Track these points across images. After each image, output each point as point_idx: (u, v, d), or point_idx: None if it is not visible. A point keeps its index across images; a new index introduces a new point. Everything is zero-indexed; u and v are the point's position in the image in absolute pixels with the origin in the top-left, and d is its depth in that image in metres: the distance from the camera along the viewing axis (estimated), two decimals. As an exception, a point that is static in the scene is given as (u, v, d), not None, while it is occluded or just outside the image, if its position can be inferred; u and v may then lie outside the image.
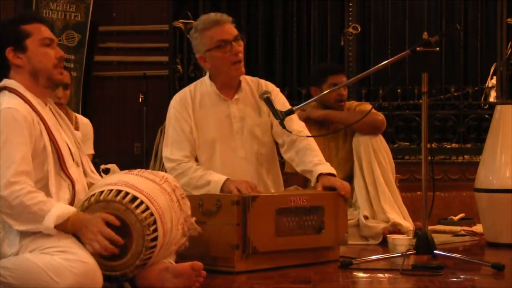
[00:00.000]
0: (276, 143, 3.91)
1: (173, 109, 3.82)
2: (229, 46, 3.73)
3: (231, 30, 3.77)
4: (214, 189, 3.60)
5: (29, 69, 2.90)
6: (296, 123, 3.82)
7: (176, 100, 3.84)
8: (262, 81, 3.94)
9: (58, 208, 2.70)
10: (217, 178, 3.63)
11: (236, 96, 3.82)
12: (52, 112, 2.99)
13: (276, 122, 3.69)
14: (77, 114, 4.64)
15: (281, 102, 3.85)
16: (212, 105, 3.81)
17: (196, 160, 3.78)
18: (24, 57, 2.89)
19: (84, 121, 4.61)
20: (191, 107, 3.79)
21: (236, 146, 3.80)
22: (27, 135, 2.75)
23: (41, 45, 2.91)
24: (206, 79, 3.86)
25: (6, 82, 2.89)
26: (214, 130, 3.78)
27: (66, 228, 2.71)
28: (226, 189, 3.58)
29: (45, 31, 2.94)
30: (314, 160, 3.74)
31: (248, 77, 3.92)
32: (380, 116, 4.55)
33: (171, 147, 3.76)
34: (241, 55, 3.76)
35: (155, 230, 2.78)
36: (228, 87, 3.83)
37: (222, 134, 3.79)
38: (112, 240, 2.70)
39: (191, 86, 3.90)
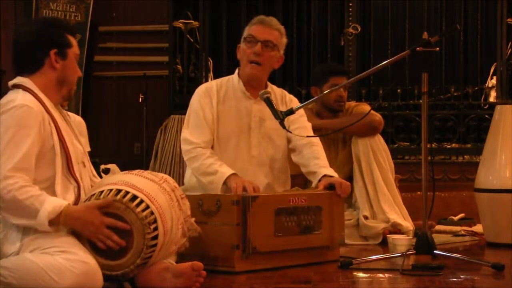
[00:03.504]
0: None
1: (198, 96, 3.87)
2: (254, 43, 3.79)
3: (267, 33, 3.82)
4: (218, 179, 3.63)
5: (59, 76, 2.92)
6: (310, 133, 3.88)
7: (201, 89, 3.90)
8: (287, 93, 4.03)
9: (51, 203, 2.68)
10: (224, 170, 3.65)
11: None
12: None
13: (290, 128, 3.75)
14: (69, 112, 4.64)
15: (304, 125, 3.91)
16: (236, 100, 3.86)
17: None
18: (61, 64, 2.91)
19: (77, 119, 4.60)
20: (215, 98, 3.84)
21: (250, 145, 3.84)
22: (35, 133, 2.75)
23: (75, 59, 2.97)
24: (234, 76, 3.92)
25: (20, 80, 2.90)
26: (233, 125, 3.83)
27: (60, 222, 2.69)
28: (229, 183, 3.59)
29: (77, 47, 3.00)
30: (319, 163, 3.79)
31: (274, 86, 4.00)
32: (377, 116, 4.54)
33: (192, 130, 3.81)
34: (261, 58, 3.80)
35: (156, 228, 2.78)
36: (253, 86, 3.86)
37: (240, 131, 3.83)
38: (117, 227, 2.72)
39: (218, 80, 3.98)
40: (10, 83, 2.92)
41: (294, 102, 3.97)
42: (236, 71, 3.94)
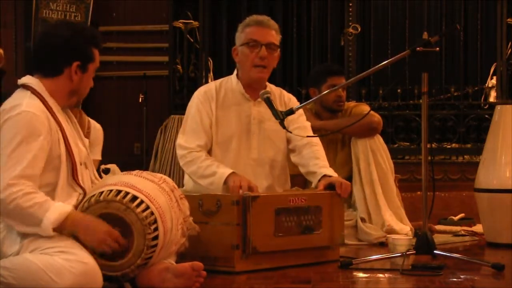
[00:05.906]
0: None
1: (197, 100, 3.84)
2: (258, 47, 3.77)
3: (268, 35, 3.80)
4: (218, 179, 3.62)
5: (73, 88, 2.92)
6: (309, 132, 3.88)
7: (200, 92, 3.87)
8: (285, 92, 4.00)
9: (55, 210, 2.67)
10: (223, 170, 3.64)
11: (259, 99, 3.83)
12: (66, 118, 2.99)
13: (289, 128, 3.73)
14: (90, 119, 4.64)
15: (303, 125, 3.89)
16: (235, 103, 3.84)
17: (210, 154, 3.79)
18: (80, 77, 2.90)
19: (96, 126, 4.61)
20: (214, 101, 3.82)
21: (251, 147, 3.83)
22: (42, 140, 2.73)
23: (93, 73, 2.96)
24: (233, 77, 3.90)
25: (30, 81, 2.87)
26: (233, 127, 3.82)
27: (65, 229, 2.70)
28: (229, 182, 3.58)
29: (98, 61, 2.97)
30: (319, 163, 3.78)
31: (273, 86, 3.97)
32: (376, 117, 4.53)
33: (187, 135, 3.79)
34: (266, 61, 3.79)
35: (156, 229, 2.79)
36: (253, 88, 3.85)
37: (240, 133, 3.82)
38: (118, 241, 2.73)
39: (217, 81, 3.94)
40: (20, 81, 2.90)
41: (292, 101, 3.96)
42: (235, 72, 3.92)
